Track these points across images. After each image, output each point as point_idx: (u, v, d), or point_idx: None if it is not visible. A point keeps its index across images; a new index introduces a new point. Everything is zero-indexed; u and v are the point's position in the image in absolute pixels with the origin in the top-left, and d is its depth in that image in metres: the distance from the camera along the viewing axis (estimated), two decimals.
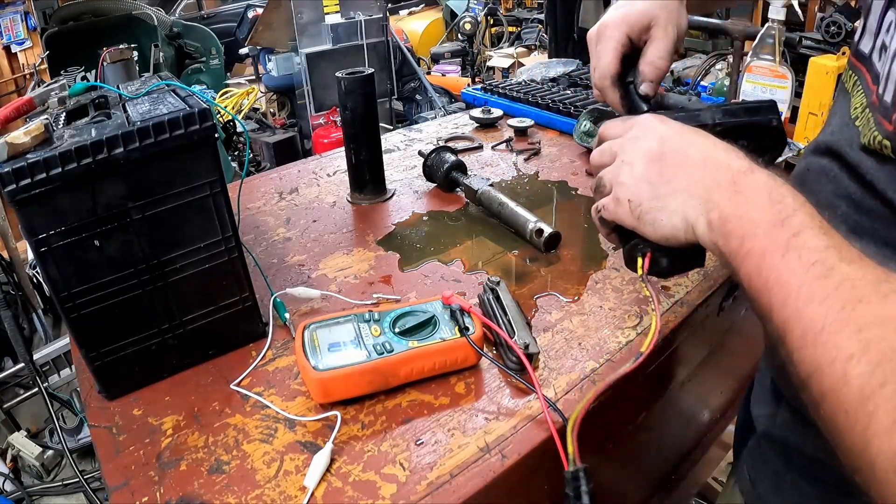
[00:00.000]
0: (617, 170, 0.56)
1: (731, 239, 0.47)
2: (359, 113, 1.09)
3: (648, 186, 0.53)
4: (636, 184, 0.54)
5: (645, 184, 0.53)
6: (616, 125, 0.60)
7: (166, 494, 0.58)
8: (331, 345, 0.67)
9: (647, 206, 0.53)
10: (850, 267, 0.41)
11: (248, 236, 1.05)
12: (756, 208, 0.46)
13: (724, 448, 1.41)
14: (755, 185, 0.47)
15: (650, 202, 0.53)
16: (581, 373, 0.71)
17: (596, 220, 0.61)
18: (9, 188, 0.58)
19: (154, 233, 0.67)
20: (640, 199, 0.53)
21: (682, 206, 0.51)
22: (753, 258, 0.45)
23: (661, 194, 0.52)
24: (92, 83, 0.78)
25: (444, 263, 0.94)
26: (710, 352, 1.01)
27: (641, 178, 0.54)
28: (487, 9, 6.11)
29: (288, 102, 4.97)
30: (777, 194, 0.46)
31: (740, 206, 0.47)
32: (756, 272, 0.44)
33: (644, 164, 0.54)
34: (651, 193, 0.53)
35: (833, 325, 0.39)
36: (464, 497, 0.57)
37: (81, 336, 0.68)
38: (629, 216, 0.55)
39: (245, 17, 6.68)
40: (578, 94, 1.55)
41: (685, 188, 0.51)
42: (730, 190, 0.48)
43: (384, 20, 4.34)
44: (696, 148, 0.52)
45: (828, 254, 0.42)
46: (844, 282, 0.40)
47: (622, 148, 0.57)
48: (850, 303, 0.39)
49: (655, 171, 0.53)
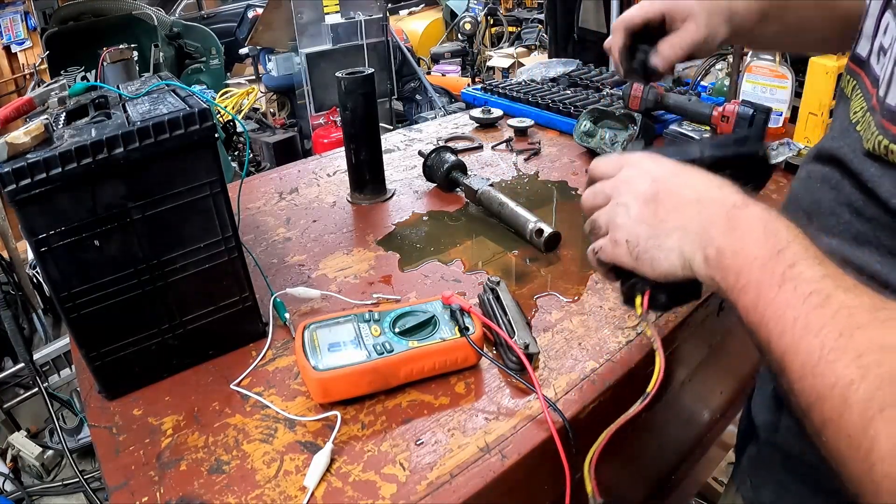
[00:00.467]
0: (612, 212, 0.57)
1: (728, 273, 0.47)
2: (359, 113, 1.09)
3: (645, 227, 0.54)
4: (633, 225, 0.55)
5: (642, 224, 0.54)
6: (607, 164, 0.61)
7: (166, 494, 0.58)
8: (331, 345, 0.67)
9: (644, 245, 0.54)
10: (846, 295, 0.41)
11: (248, 236, 1.05)
12: (751, 242, 0.46)
13: (724, 448, 1.41)
14: (750, 219, 0.48)
15: (647, 241, 0.53)
16: (581, 373, 0.71)
17: (593, 261, 0.61)
18: (9, 188, 0.58)
19: (154, 233, 0.67)
20: (638, 240, 0.54)
21: (679, 243, 0.52)
22: (750, 292, 0.45)
23: (657, 234, 0.53)
24: (92, 83, 0.78)
25: (444, 263, 0.94)
26: (710, 352, 1.01)
27: (638, 219, 0.54)
28: (487, 9, 6.11)
29: (288, 102, 4.97)
30: (772, 227, 0.46)
31: (736, 241, 0.47)
32: (753, 306, 0.45)
33: (639, 205, 0.55)
34: (648, 233, 0.54)
35: (831, 354, 0.39)
36: (464, 497, 0.57)
37: (81, 336, 0.68)
38: (627, 257, 0.56)
39: (245, 17, 6.68)
40: (578, 94, 1.55)
41: (681, 226, 0.52)
42: (725, 225, 0.49)
43: (384, 20, 4.34)
44: (689, 187, 0.53)
45: (823, 283, 0.42)
46: (841, 310, 0.40)
47: (616, 190, 0.58)
48: (847, 330, 0.39)
49: (651, 212, 0.54)
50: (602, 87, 1.59)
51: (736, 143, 0.62)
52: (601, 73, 1.75)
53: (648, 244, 0.53)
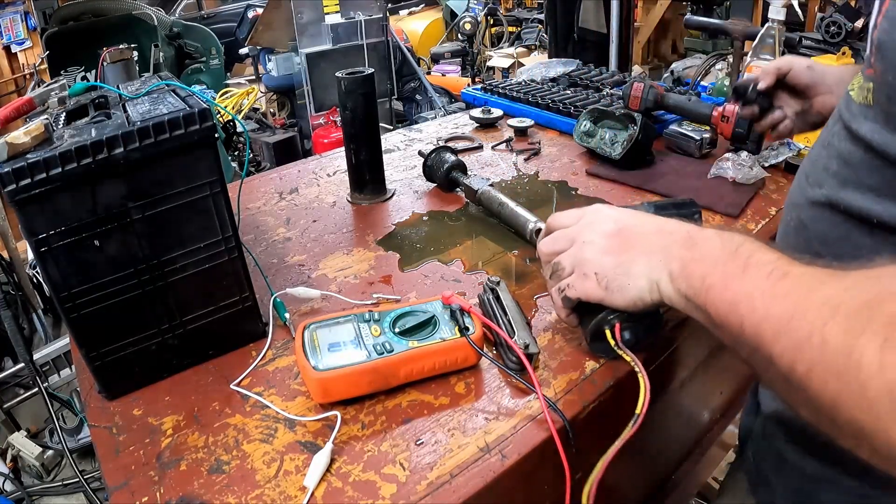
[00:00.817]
0: (578, 250, 0.63)
1: (693, 279, 0.53)
2: (359, 113, 1.09)
3: (612, 257, 0.60)
4: (600, 258, 0.60)
5: (608, 256, 0.60)
6: (566, 215, 0.67)
7: (166, 494, 0.58)
8: (331, 345, 0.67)
9: (612, 274, 0.59)
10: (803, 268, 0.46)
11: (248, 236, 1.05)
12: (711, 249, 0.53)
13: (724, 448, 1.41)
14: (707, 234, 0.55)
15: (615, 270, 0.59)
16: (581, 373, 0.71)
17: (558, 300, 0.66)
18: (9, 188, 0.58)
19: (154, 233, 0.67)
20: (605, 270, 0.60)
21: (646, 267, 0.57)
22: (716, 287, 0.50)
23: (623, 262, 0.59)
24: (92, 83, 0.78)
25: (444, 263, 0.94)
26: (710, 352, 1.01)
27: (604, 251, 0.60)
28: (487, 9, 6.11)
29: (288, 102, 4.97)
30: (727, 235, 0.53)
31: (697, 252, 0.54)
32: (720, 299, 0.50)
33: (604, 240, 0.61)
34: (615, 262, 0.59)
35: (801, 308, 0.42)
36: (464, 497, 0.57)
37: (81, 336, 0.68)
38: (596, 288, 0.61)
39: (245, 17, 6.69)
40: (578, 94, 1.55)
41: (646, 252, 0.58)
42: (686, 243, 0.55)
43: (384, 20, 4.34)
44: (649, 223, 0.60)
45: (781, 262, 0.47)
46: (803, 276, 0.45)
47: (579, 233, 0.64)
48: (813, 287, 0.43)
49: (616, 245, 0.60)
50: (602, 87, 1.59)
51: (675, 206, 0.72)
52: (601, 73, 1.75)
53: (617, 272, 0.59)
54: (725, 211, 1.04)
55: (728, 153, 1.17)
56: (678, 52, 5.17)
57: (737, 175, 1.12)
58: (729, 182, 1.12)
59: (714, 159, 1.18)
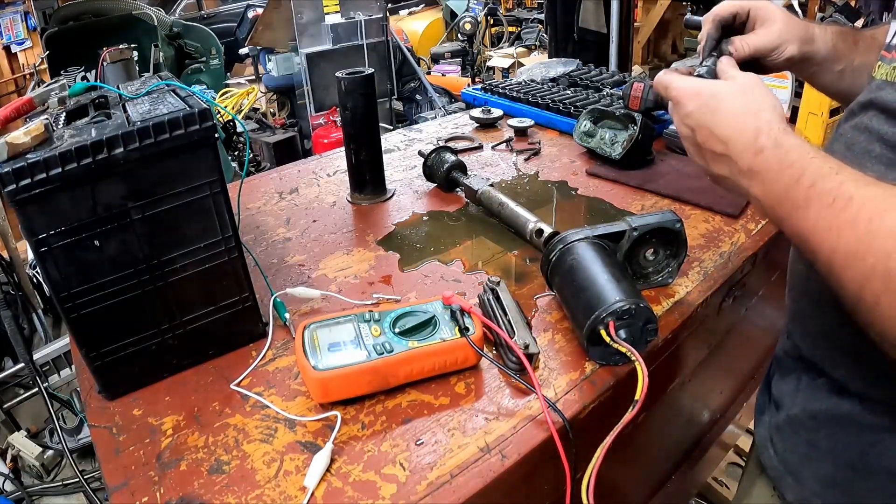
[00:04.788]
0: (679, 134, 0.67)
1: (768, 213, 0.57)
2: (359, 113, 1.09)
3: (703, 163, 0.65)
4: (695, 156, 0.66)
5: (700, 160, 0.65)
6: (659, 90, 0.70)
7: (166, 494, 0.58)
8: (331, 345, 0.67)
9: (706, 171, 0.65)
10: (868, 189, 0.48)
11: (248, 236, 1.05)
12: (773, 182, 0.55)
13: (724, 448, 1.41)
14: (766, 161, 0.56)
15: (708, 171, 0.64)
16: (581, 373, 0.71)
17: None
18: (9, 188, 0.58)
19: (154, 233, 0.67)
20: (701, 166, 0.65)
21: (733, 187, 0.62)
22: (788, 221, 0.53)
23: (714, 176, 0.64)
24: (92, 83, 0.78)
25: (444, 263, 0.94)
26: (710, 352, 1.01)
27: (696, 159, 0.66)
28: (487, 9, 6.12)
29: (288, 102, 4.97)
30: (787, 160, 0.54)
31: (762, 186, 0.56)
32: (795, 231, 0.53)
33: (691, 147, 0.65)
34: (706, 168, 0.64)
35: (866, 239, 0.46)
36: (464, 497, 0.57)
37: (81, 336, 0.68)
38: None
39: (245, 17, 6.69)
40: (578, 94, 1.55)
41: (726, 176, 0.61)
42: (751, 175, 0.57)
43: (384, 20, 4.34)
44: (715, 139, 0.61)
45: (844, 187, 0.49)
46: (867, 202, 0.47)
47: (672, 113, 0.68)
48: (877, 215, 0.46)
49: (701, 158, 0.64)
50: (602, 87, 1.59)
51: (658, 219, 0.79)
52: (601, 73, 1.75)
53: (709, 171, 0.64)
54: (725, 211, 1.04)
55: None
56: (678, 52, 5.17)
57: None
58: None
59: None
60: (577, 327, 0.72)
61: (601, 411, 0.68)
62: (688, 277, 0.87)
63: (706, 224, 1.02)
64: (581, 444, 0.61)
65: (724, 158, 0.60)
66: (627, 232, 0.78)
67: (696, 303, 0.83)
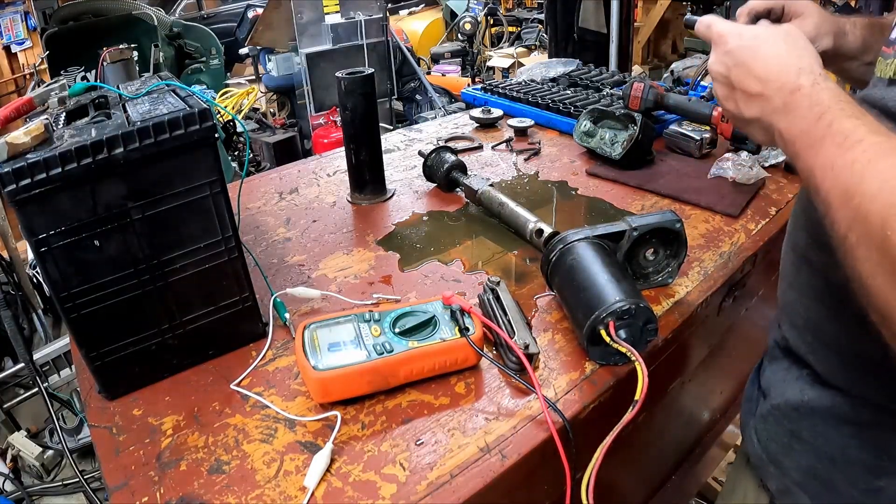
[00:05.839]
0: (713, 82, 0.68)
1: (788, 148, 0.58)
2: (359, 113, 1.09)
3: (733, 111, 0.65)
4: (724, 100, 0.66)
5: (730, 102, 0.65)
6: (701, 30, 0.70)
7: (166, 494, 0.58)
8: (331, 345, 0.67)
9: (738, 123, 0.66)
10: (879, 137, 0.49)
11: (248, 236, 1.05)
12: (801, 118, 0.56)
13: (724, 448, 1.41)
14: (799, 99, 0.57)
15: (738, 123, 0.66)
16: (581, 373, 0.71)
17: None
18: (9, 188, 0.58)
19: (154, 233, 0.67)
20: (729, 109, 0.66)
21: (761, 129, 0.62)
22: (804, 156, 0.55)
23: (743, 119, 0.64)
24: (92, 83, 0.78)
25: (444, 263, 0.94)
26: (710, 352, 1.01)
27: (725, 102, 0.65)
28: (487, 9, 6.11)
29: (288, 102, 4.97)
30: (816, 98, 0.55)
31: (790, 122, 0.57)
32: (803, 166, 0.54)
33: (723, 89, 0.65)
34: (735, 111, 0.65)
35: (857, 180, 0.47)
36: (464, 497, 0.57)
37: (81, 336, 0.67)
38: None
39: (245, 17, 6.69)
40: (578, 94, 1.55)
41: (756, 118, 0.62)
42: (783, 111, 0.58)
43: (384, 20, 4.33)
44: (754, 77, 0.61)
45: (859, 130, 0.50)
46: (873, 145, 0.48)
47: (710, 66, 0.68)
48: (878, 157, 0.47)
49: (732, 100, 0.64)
50: (602, 87, 1.59)
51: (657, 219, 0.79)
52: (601, 73, 1.75)
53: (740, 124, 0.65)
54: (725, 211, 1.04)
55: (728, 153, 1.17)
56: (678, 52, 5.17)
57: (737, 175, 1.12)
58: (729, 182, 1.12)
59: (714, 159, 1.18)
60: (577, 327, 0.72)
61: (601, 411, 0.68)
62: (688, 277, 0.87)
63: (706, 224, 1.02)
64: (581, 444, 0.61)
65: (758, 98, 0.60)
66: (627, 232, 0.78)
67: (696, 303, 0.83)
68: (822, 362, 0.65)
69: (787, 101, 0.58)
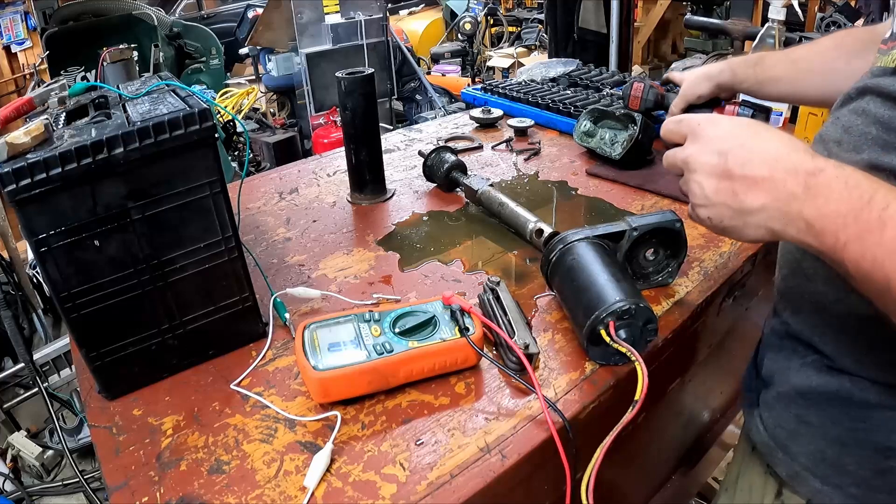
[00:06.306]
0: (689, 184, 0.60)
1: (825, 237, 0.50)
2: (359, 113, 1.09)
3: (726, 207, 0.56)
4: (712, 205, 0.57)
5: (721, 206, 0.56)
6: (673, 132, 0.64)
7: (166, 494, 0.58)
8: (331, 345, 0.67)
9: (728, 223, 0.57)
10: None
11: (248, 236, 1.05)
12: (837, 202, 0.49)
13: (724, 448, 1.41)
14: (827, 181, 0.50)
15: (732, 220, 0.56)
16: (581, 373, 0.71)
17: None
18: (9, 188, 0.58)
19: (154, 233, 0.67)
20: (721, 218, 0.57)
21: (765, 222, 0.54)
22: (853, 245, 0.48)
23: (741, 212, 0.55)
24: (92, 83, 0.78)
25: (444, 263, 0.94)
26: (710, 352, 1.01)
27: (715, 198, 0.56)
28: (487, 9, 6.12)
29: (288, 102, 4.97)
30: (852, 181, 0.49)
31: (822, 208, 0.50)
32: (861, 256, 0.47)
33: (713, 182, 0.56)
34: (730, 213, 0.56)
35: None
36: (464, 497, 0.57)
37: (81, 336, 0.68)
38: (713, 228, 0.59)
39: (245, 17, 6.69)
40: (578, 94, 1.55)
41: (762, 207, 0.53)
42: (806, 196, 0.51)
43: (384, 20, 4.33)
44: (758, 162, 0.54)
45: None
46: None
47: (686, 162, 0.60)
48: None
49: (728, 192, 0.55)
50: (602, 87, 1.59)
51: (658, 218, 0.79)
52: (601, 73, 1.75)
53: (733, 223, 0.56)
54: None
55: None
56: (678, 52, 5.17)
57: None
58: None
59: None
60: (577, 327, 0.72)
61: (601, 411, 0.68)
62: (688, 277, 0.87)
63: None
64: (581, 444, 0.61)
65: (765, 183, 0.53)
66: (627, 232, 0.78)
67: (696, 303, 0.83)
68: (829, 345, 0.65)
69: (808, 184, 0.50)
